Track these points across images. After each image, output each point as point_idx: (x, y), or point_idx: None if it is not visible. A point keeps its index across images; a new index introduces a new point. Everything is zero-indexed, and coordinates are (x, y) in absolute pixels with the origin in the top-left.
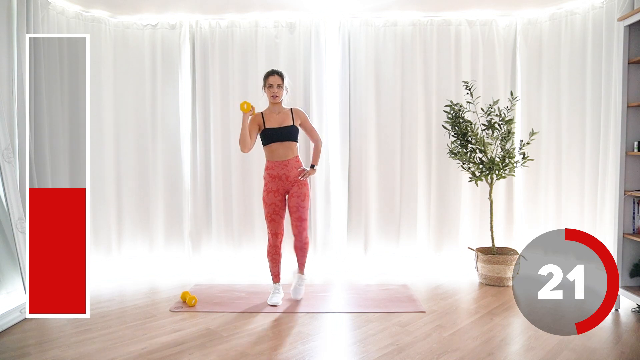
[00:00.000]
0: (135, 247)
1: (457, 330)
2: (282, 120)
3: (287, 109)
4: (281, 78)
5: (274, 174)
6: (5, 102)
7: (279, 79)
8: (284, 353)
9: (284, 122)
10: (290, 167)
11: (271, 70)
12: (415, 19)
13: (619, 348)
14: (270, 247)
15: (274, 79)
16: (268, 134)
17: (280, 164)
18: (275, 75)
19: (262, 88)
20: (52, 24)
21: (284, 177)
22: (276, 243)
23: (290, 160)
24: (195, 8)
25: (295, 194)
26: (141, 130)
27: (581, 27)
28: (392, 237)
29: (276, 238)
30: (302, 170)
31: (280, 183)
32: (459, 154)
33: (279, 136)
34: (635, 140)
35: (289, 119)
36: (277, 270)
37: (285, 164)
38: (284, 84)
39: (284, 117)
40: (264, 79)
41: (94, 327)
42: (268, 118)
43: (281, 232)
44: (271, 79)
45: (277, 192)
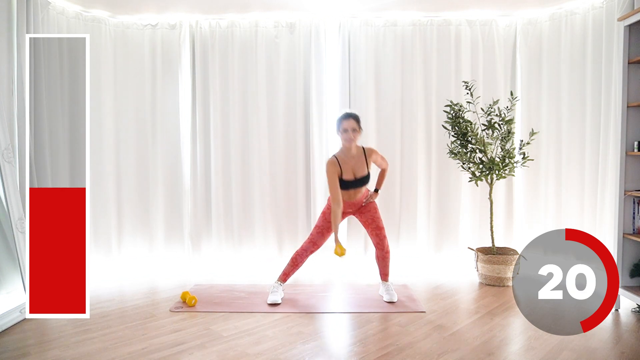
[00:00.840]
0: (135, 247)
1: (457, 330)
2: (357, 168)
3: (360, 150)
4: (356, 121)
5: (344, 209)
6: (5, 102)
7: (354, 123)
8: (284, 353)
9: (358, 172)
10: (357, 203)
11: (346, 114)
12: (415, 19)
13: (619, 348)
14: (302, 250)
15: (349, 123)
16: (344, 184)
17: (348, 203)
18: (350, 119)
19: (337, 131)
20: (52, 24)
21: (350, 210)
22: (309, 250)
23: (359, 199)
24: (195, 8)
25: (366, 210)
26: (141, 130)
27: (581, 27)
28: (392, 237)
29: (312, 246)
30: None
31: (345, 213)
32: (459, 154)
33: (354, 186)
34: (635, 140)
35: (363, 165)
36: (291, 272)
37: (353, 203)
38: (359, 126)
39: (359, 165)
40: (338, 122)
41: (94, 327)
42: (345, 167)
43: (319, 245)
44: (345, 123)
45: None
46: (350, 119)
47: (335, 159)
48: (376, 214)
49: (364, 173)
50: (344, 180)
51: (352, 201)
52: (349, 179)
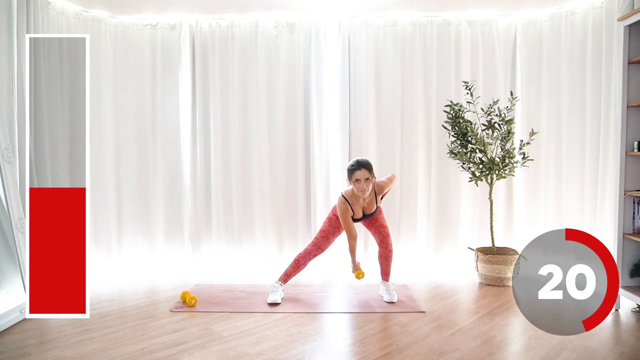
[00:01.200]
0: (135, 247)
1: (457, 330)
2: (367, 206)
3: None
4: (369, 171)
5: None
6: (5, 102)
7: (367, 173)
8: (284, 353)
9: (367, 209)
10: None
11: (357, 163)
12: (415, 19)
13: (619, 348)
14: (305, 253)
15: (362, 173)
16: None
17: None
18: (362, 169)
19: (347, 179)
20: (52, 24)
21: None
22: (312, 254)
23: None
24: (195, 8)
25: (373, 219)
26: (141, 130)
27: (581, 27)
28: (392, 237)
29: (316, 250)
30: None
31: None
32: (459, 154)
33: (363, 219)
34: (635, 140)
35: (373, 203)
36: (292, 274)
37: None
38: (371, 175)
39: (369, 202)
40: (349, 172)
41: (94, 327)
42: (354, 207)
43: (323, 249)
44: (358, 173)
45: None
46: (362, 169)
47: (346, 200)
48: (380, 214)
49: (372, 209)
50: (353, 218)
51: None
52: (359, 217)
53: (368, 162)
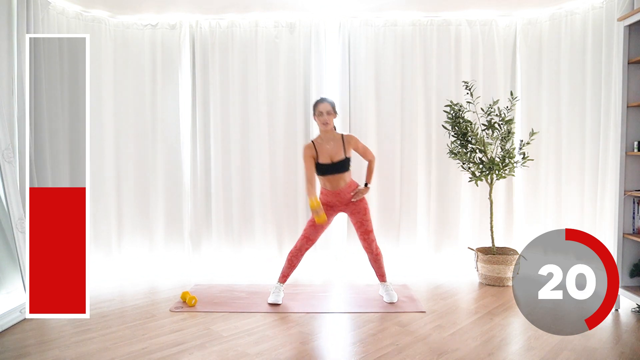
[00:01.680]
0: (135, 247)
1: (457, 330)
2: (334, 153)
3: (338, 136)
4: (331, 105)
5: (328, 200)
6: (5, 102)
7: (328, 106)
8: (284, 353)
9: (335, 156)
10: (343, 195)
11: (320, 98)
12: (415, 19)
13: (619, 348)
14: (296, 249)
15: (324, 106)
16: (321, 169)
17: (333, 193)
18: (324, 102)
19: (313, 116)
20: (52, 24)
21: (338, 203)
22: (303, 248)
23: (343, 189)
24: (195, 8)
25: (356, 211)
26: (141, 130)
27: (581, 27)
28: (392, 237)
29: (306, 242)
30: (355, 193)
31: (333, 207)
32: (459, 154)
33: (331, 171)
34: (635, 140)
35: (341, 150)
36: (289, 273)
37: (337, 192)
38: (333, 110)
39: (336, 149)
40: (314, 107)
41: (94, 327)
42: (321, 150)
43: (313, 240)
44: (321, 106)
45: (330, 207)
46: (325, 102)
47: (312, 143)
48: (366, 216)
49: (341, 157)
50: (321, 164)
51: (336, 191)
52: (326, 162)
53: (331, 99)
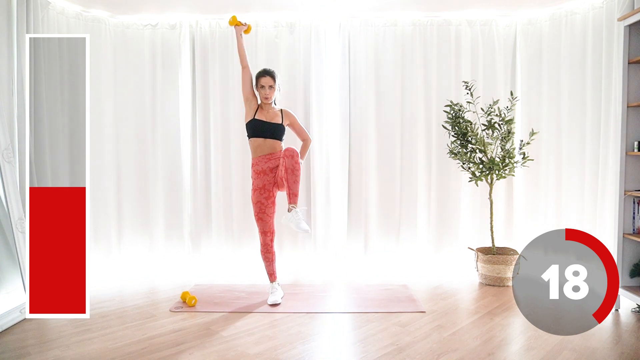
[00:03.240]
0: (135, 246)
1: (457, 330)
2: (272, 117)
3: (278, 110)
4: (273, 79)
5: (259, 169)
6: (5, 102)
7: (270, 80)
8: (284, 353)
9: (273, 119)
10: (273, 160)
11: (263, 70)
12: (415, 19)
13: (619, 348)
14: (262, 246)
15: (266, 80)
16: (255, 125)
17: (263, 158)
18: (267, 76)
19: (254, 87)
20: (52, 24)
21: (268, 170)
22: (266, 241)
23: (273, 154)
24: (195, 8)
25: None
26: (141, 130)
27: (581, 27)
28: (392, 237)
29: (266, 236)
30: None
31: (265, 177)
32: (459, 154)
33: (264, 131)
34: (635, 140)
35: (279, 117)
36: (272, 269)
37: (268, 157)
38: (275, 84)
39: (274, 116)
40: (256, 78)
41: (94, 327)
42: (260, 110)
43: (270, 231)
44: (262, 80)
45: (264, 189)
46: (266, 76)
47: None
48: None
49: (277, 121)
50: (256, 120)
51: (264, 155)
52: (261, 119)
53: (273, 71)
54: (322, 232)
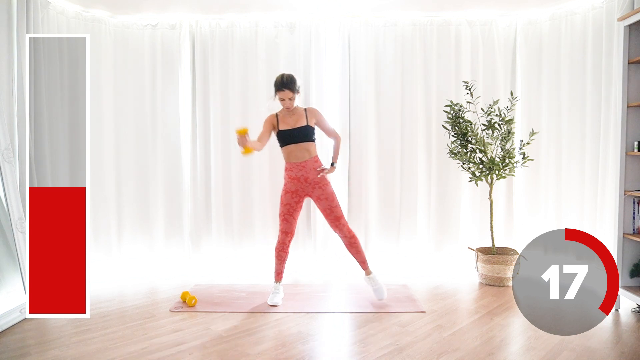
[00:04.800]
0: (135, 246)
1: (457, 330)
2: (296, 121)
3: (301, 109)
4: (291, 91)
5: (293, 175)
6: (5, 102)
7: (289, 93)
8: (284, 353)
9: (297, 123)
10: (308, 169)
11: (280, 83)
12: (415, 19)
13: (619, 348)
14: (279, 244)
15: (284, 93)
16: (282, 136)
17: (297, 165)
18: (284, 90)
19: (274, 96)
20: (52, 24)
21: (303, 178)
22: (285, 241)
23: (308, 162)
24: (195, 8)
25: (323, 197)
26: (141, 130)
27: (581, 27)
28: (392, 237)
29: (285, 236)
30: (321, 170)
31: (299, 184)
32: (459, 154)
33: (293, 138)
34: (635, 140)
35: (303, 119)
36: (281, 269)
37: (302, 165)
38: (295, 93)
39: (298, 118)
40: (275, 90)
41: (94, 327)
42: (282, 119)
43: (291, 232)
44: (280, 94)
45: (295, 193)
46: (284, 90)
47: (275, 113)
48: (333, 202)
49: (302, 123)
50: (282, 131)
51: (300, 163)
52: (286, 128)
53: (290, 80)
54: (322, 232)
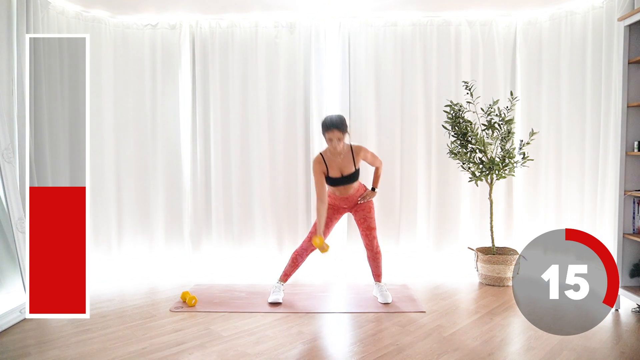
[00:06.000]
0: (135, 246)
1: (457, 330)
2: (344, 166)
3: (348, 148)
4: (340, 131)
5: (335, 203)
6: (5, 102)
7: (338, 133)
8: (284, 353)
9: (345, 169)
10: (351, 199)
11: (329, 123)
12: (415, 19)
13: (619, 348)
14: (302, 249)
15: (333, 134)
16: (331, 181)
17: (341, 198)
18: (333, 130)
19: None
20: (52, 24)
21: (345, 206)
22: (309, 248)
23: (351, 194)
24: (195, 8)
25: (361, 208)
26: (141, 130)
27: (581, 27)
28: (392, 237)
29: (311, 246)
30: (363, 196)
31: (340, 204)
32: (459, 154)
33: (342, 183)
34: (635, 140)
35: (351, 163)
36: (291, 272)
37: (346, 198)
38: (344, 133)
39: (346, 162)
40: (323, 131)
41: (94, 327)
42: (330, 164)
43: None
44: (329, 134)
45: (334, 208)
46: (333, 130)
47: (321, 157)
48: (369, 214)
49: (351, 170)
50: (331, 178)
51: (344, 196)
52: (336, 176)
53: (339, 121)
54: None
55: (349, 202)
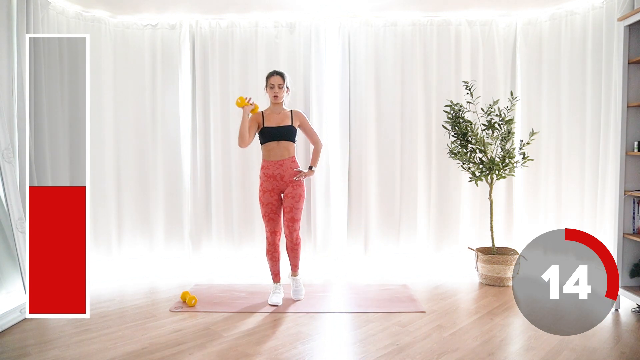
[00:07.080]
0: (135, 246)
1: (457, 330)
2: (281, 120)
3: (288, 110)
4: (282, 78)
5: (269, 173)
6: (5, 102)
7: (280, 79)
8: (284, 353)
9: (282, 122)
10: (285, 167)
11: (273, 70)
12: (415, 19)
13: (619, 348)
14: (269, 245)
15: (275, 79)
16: (266, 132)
17: (275, 163)
18: (276, 75)
19: (264, 88)
20: (52, 24)
21: (279, 176)
22: (274, 241)
23: (286, 161)
24: (195, 8)
25: (290, 195)
26: (141, 130)
27: (581, 27)
28: (392, 237)
29: (275, 236)
30: (297, 171)
31: (275, 182)
32: (459, 154)
33: (276, 135)
34: (635, 140)
35: (288, 119)
36: (277, 269)
37: (280, 163)
38: (285, 84)
39: (283, 117)
40: (266, 79)
41: (94, 327)
42: (268, 117)
43: (279, 230)
44: (272, 79)
45: (273, 191)
46: (276, 75)
47: (260, 112)
48: (297, 204)
49: (286, 123)
50: (266, 127)
51: (278, 161)
52: (270, 125)
53: (283, 72)
54: (322, 233)
55: (283, 172)
